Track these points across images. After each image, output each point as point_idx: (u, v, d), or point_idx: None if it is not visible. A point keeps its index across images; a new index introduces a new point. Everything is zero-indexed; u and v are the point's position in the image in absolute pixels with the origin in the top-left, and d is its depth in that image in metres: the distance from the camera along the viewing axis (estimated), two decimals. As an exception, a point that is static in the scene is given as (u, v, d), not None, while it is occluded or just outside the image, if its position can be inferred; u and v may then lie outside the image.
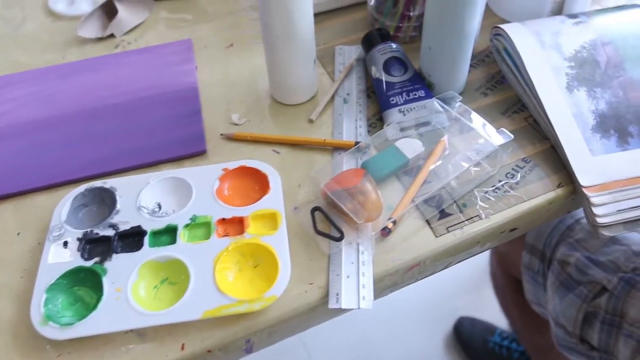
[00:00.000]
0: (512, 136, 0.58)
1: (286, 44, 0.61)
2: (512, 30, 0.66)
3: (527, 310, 0.97)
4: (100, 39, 0.80)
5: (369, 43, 0.69)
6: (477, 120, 0.60)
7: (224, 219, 0.55)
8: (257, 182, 0.59)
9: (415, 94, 0.64)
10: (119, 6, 0.80)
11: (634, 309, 0.72)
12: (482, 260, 1.14)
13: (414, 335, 1.45)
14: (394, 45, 0.67)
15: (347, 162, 0.60)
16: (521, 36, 0.66)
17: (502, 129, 0.59)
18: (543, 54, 0.64)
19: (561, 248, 0.83)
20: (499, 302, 1.13)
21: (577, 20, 0.67)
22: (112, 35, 0.80)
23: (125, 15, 0.81)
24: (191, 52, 0.76)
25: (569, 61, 0.64)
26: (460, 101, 0.62)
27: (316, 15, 0.78)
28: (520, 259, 0.92)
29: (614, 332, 0.73)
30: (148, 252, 0.53)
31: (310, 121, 0.65)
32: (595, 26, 0.66)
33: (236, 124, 0.66)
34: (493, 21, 0.78)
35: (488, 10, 0.80)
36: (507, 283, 1.04)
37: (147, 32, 0.81)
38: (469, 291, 1.50)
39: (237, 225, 0.55)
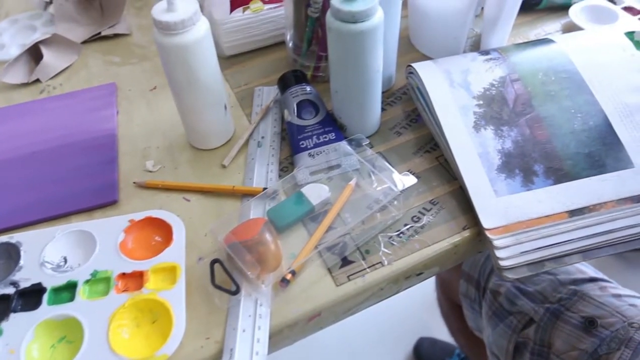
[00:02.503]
0: (416, 180, 0.59)
1: (190, 93, 0.61)
2: (423, 68, 0.67)
3: (471, 336, 0.98)
4: (26, 85, 0.80)
5: (284, 85, 0.69)
6: (383, 164, 0.61)
7: (124, 274, 0.55)
8: (161, 234, 0.58)
9: (325, 137, 0.64)
10: (44, 50, 0.80)
11: (559, 340, 0.72)
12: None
13: (374, 356, 1.44)
14: (307, 88, 0.68)
15: (254, 209, 0.60)
16: (431, 75, 0.66)
17: (407, 172, 0.60)
18: (452, 92, 0.65)
19: (493, 277, 0.83)
20: (447, 328, 1.13)
21: (488, 57, 0.68)
22: (38, 80, 0.80)
23: (51, 60, 0.81)
24: (113, 97, 0.76)
25: (477, 99, 0.64)
26: (367, 144, 0.63)
27: (236, 56, 0.78)
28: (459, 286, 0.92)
29: (542, 364, 0.74)
30: (46, 310, 0.53)
31: (223, 166, 0.65)
32: (506, 62, 0.67)
33: (150, 171, 0.66)
34: (414, 57, 0.79)
35: (410, 46, 0.80)
36: (451, 310, 1.04)
37: (74, 76, 0.81)
38: (430, 311, 1.49)
39: (137, 279, 0.55)
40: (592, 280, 0.79)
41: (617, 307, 0.73)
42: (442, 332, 1.38)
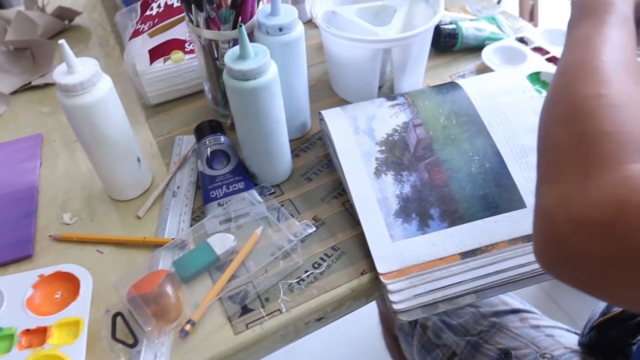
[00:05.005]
0: (314, 229, 0.61)
1: (98, 149, 0.63)
2: (330, 115, 0.70)
3: (412, 368, 0.99)
4: (-46, 137, 0.82)
5: (199, 134, 0.72)
6: (284, 212, 0.63)
7: (28, 330, 0.56)
8: (70, 288, 0.60)
9: (235, 187, 0.66)
10: (-28, 104, 0.82)
11: (479, 373, 0.74)
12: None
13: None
14: (222, 138, 0.70)
15: (164, 259, 0.62)
16: (337, 122, 0.69)
17: (307, 221, 0.62)
18: (356, 139, 0.67)
19: (421, 312, 0.85)
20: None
21: (395, 103, 0.71)
22: (-34, 133, 0.82)
23: (-21, 112, 0.82)
24: (38, 149, 0.77)
25: (379, 145, 0.67)
26: (271, 193, 0.65)
27: (162, 104, 0.81)
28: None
29: (464, 396, 0.75)
30: (-51, 370, 0.54)
31: (139, 217, 0.67)
32: (411, 107, 0.70)
33: (67, 224, 0.68)
34: (334, 101, 0.82)
35: (330, 90, 0.83)
36: (392, 342, 1.06)
37: (2, 127, 0.83)
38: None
39: (40, 335, 0.56)
40: (515, 311, 0.81)
41: (533, 338, 0.76)
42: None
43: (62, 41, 0.57)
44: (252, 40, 0.63)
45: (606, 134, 0.37)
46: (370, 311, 1.13)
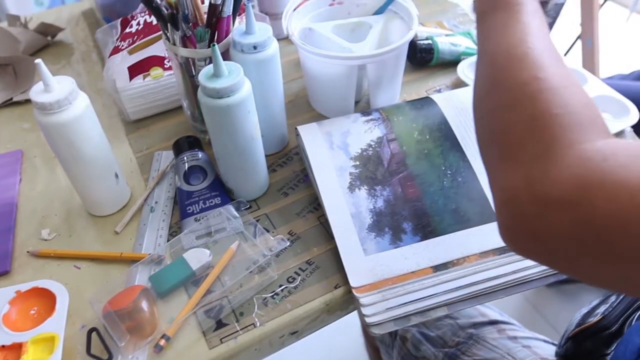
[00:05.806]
0: (288, 243, 0.62)
1: (76, 166, 0.64)
2: (306, 131, 0.71)
3: (394, 380, 1.00)
4: None
5: (177, 150, 0.72)
6: (260, 228, 0.64)
7: (3, 346, 0.57)
8: (46, 303, 0.60)
9: (212, 202, 0.67)
10: (-47, 121, 0.83)
11: (455, 384, 0.75)
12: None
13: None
14: (199, 154, 0.71)
15: (140, 274, 0.63)
16: (312, 137, 0.70)
17: (281, 236, 0.62)
18: (330, 154, 0.68)
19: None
20: (375, 372, 1.15)
21: (369, 118, 0.72)
22: (-53, 149, 0.82)
23: (-40, 129, 0.83)
24: (18, 165, 0.78)
25: (354, 160, 0.68)
26: (247, 208, 0.66)
27: (142, 120, 0.82)
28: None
29: (442, 408, 0.76)
30: None
31: (116, 233, 0.68)
32: (385, 123, 0.71)
33: (45, 240, 0.68)
34: (312, 115, 0.83)
35: (309, 105, 0.84)
36: (374, 354, 1.07)
37: (-18, 144, 0.84)
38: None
39: (16, 351, 0.57)
40: (493, 323, 0.82)
41: (510, 349, 0.77)
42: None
43: (38, 60, 0.57)
44: (227, 58, 0.64)
45: (553, 116, 0.39)
46: (353, 321, 1.14)
